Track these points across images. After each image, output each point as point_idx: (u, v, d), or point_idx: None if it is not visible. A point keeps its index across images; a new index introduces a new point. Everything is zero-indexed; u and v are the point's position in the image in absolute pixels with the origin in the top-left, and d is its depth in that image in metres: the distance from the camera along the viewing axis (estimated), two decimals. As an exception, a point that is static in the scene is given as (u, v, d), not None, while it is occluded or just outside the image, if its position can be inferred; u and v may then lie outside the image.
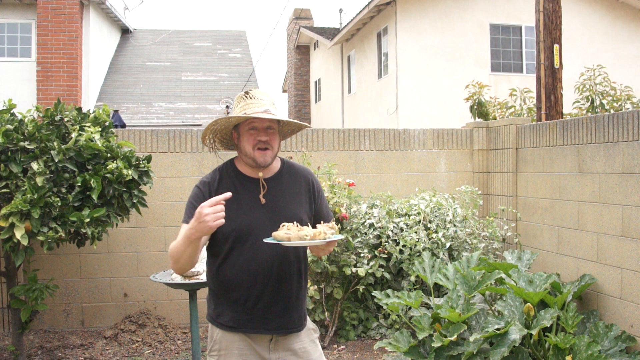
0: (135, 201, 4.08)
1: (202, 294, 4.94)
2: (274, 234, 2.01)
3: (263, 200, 2.14)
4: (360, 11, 14.03)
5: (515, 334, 3.31)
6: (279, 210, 2.14)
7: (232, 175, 2.19)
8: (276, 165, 2.26)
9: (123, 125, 9.93)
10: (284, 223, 2.05)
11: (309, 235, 1.97)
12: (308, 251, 2.25)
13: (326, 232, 2.00)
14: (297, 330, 2.20)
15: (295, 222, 2.06)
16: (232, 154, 2.29)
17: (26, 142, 3.76)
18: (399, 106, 12.76)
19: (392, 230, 4.74)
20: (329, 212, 2.33)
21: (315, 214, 2.27)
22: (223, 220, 1.89)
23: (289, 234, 1.97)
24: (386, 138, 5.65)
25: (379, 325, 4.84)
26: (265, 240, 2.01)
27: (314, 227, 2.15)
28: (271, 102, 2.16)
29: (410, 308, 4.40)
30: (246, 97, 2.14)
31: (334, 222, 2.14)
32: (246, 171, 2.20)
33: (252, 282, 2.10)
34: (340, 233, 4.62)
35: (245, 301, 2.11)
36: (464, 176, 5.81)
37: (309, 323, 2.28)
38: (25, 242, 3.56)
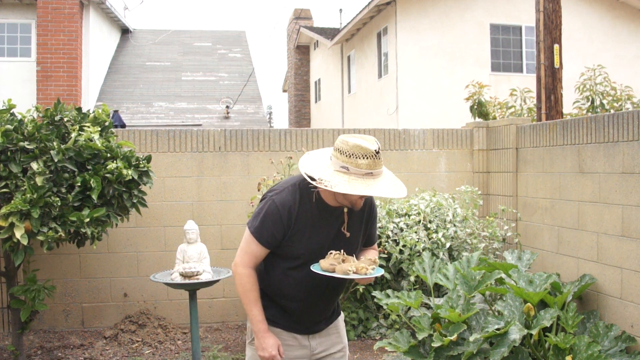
0: (135, 201, 4.07)
1: (202, 294, 4.94)
2: (321, 262, 2.10)
3: (348, 234, 2.20)
4: (360, 11, 14.02)
5: (515, 334, 3.31)
6: (347, 238, 2.22)
7: (314, 199, 2.15)
8: None
9: (123, 125, 9.92)
10: (331, 251, 2.12)
11: (351, 270, 2.06)
12: None
13: (367, 267, 2.10)
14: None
15: (342, 250, 2.13)
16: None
17: (26, 142, 3.76)
18: (399, 106, 12.76)
19: (392, 231, 4.74)
20: (375, 235, 2.42)
21: (367, 235, 2.35)
22: None
23: (334, 265, 2.07)
24: (386, 138, 5.65)
25: (379, 325, 4.84)
26: (312, 269, 2.09)
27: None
28: (373, 153, 2.01)
29: (410, 308, 4.40)
30: (347, 155, 1.97)
31: (376, 253, 2.33)
32: (328, 199, 2.16)
33: (306, 296, 2.22)
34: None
35: (293, 311, 2.24)
36: (464, 176, 5.80)
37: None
38: (25, 242, 3.56)
